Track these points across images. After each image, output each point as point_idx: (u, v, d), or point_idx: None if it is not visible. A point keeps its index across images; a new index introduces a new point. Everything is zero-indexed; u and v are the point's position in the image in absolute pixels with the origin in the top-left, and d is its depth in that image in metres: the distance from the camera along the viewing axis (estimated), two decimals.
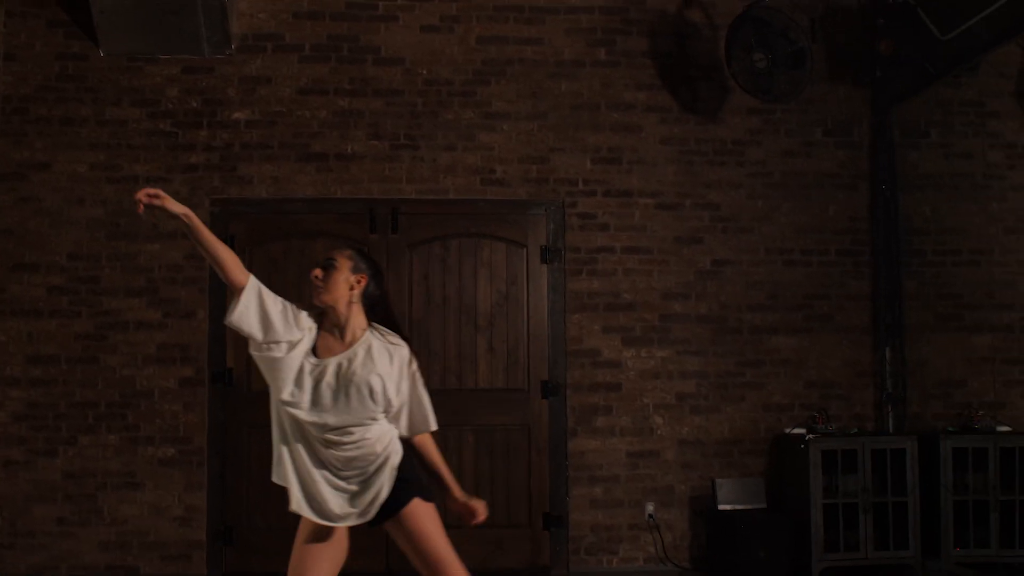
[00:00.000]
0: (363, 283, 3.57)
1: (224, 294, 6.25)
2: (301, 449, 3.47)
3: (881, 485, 6.08)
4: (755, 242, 6.59)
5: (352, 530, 3.53)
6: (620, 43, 6.65)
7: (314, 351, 3.48)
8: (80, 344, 6.26)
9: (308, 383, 3.42)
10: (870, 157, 6.72)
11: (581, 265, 6.47)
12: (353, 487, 3.45)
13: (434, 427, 3.66)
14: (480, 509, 3.70)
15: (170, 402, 6.24)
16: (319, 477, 3.45)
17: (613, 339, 6.44)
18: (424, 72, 6.55)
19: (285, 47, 6.52)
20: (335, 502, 3.45)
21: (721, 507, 6.16)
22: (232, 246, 6.21)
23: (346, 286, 3.53)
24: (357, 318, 3.55)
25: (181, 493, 6.19)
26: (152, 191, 3.36)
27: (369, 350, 3.48)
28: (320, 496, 3.45)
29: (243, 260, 6.12)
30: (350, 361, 3.45)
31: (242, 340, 6.22)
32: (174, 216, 3.41)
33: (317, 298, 3.54)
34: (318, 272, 3.54)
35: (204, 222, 6.06)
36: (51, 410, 6.21)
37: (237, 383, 6.29)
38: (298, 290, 6.30)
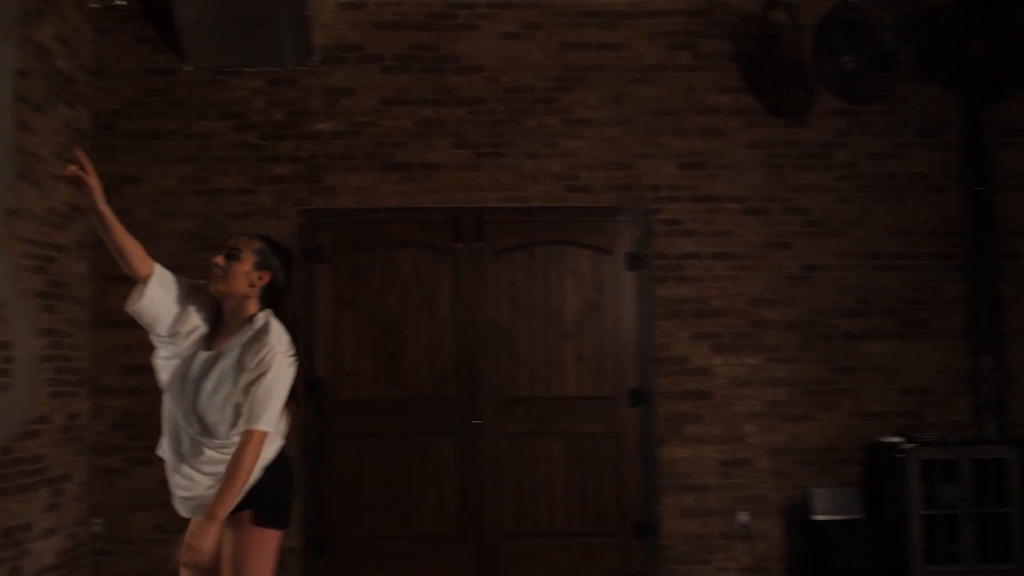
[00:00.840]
0: (264, 280, 3.45)
1: (313, 305, 6.40)
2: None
3: (981, 495, 6.02)
4: (845, 246, 6.58)
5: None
6: (703, 46, 6.68)
7: (208, 338, 3.43)
8: None
9: (176, 369, 3.40)
10: (962, 158, 6.67)
11: (668, 271, 6.50)
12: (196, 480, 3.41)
13: (259, 426, 3.28)
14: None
15: None
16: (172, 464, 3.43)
17: (702, 346, 6.46)
18: (505, 80, 6.64)
19: (367, 58, 6.65)
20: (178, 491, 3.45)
21: (816, 517, 6.14)
22: (319, 256, 6.41)
23: (245, 280, 3.42)
24: (247, 312, 3.44)
25: None
26: (87, 167, 3.25)
27: (241, 348, 3.34)
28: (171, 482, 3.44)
29: (330, 269, 6.41)
30: (218, 357, 3.36)
31: (332, 350, 6.39)
32: (92, 203, 3.31)
33: (213, 285, 3.44)
34: (219, 260, 3.43)
35: (292, 233, 6.36)
36: (146, 419, 6.37)
37: (328, 392, 6.42)
38: (384, 299, 6.46)
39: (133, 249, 3.41)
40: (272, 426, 3.31)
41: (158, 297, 3.43)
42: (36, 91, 5.76)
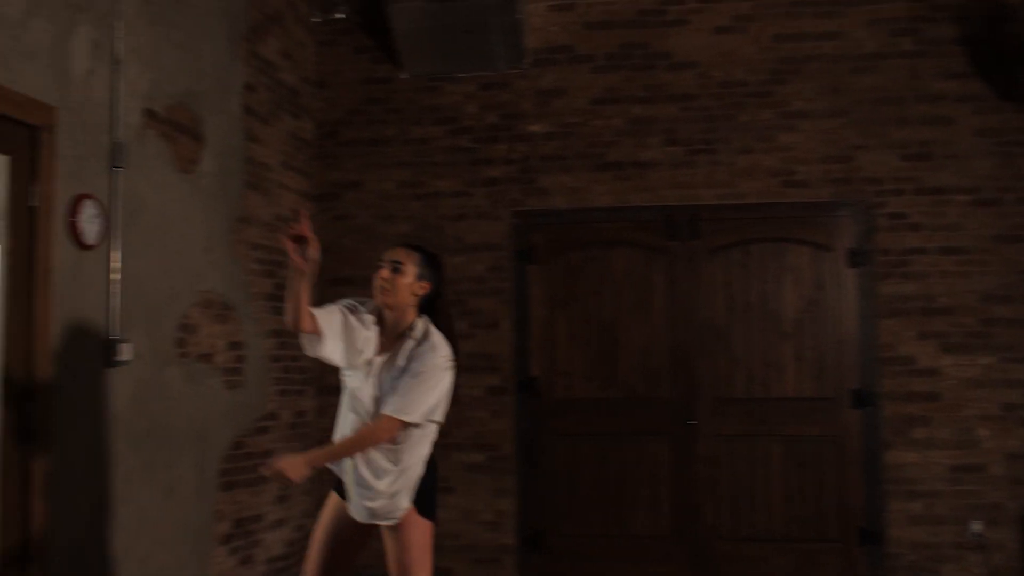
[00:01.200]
0: (425, 290, 3.71)
1: (527, 305, 6.51)
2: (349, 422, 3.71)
3: None
4: None
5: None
6: (926, 31, 6.42)
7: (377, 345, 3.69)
8: None
9: (361, 376, 3.65)
10: None
11: (892, 268, 6.28)
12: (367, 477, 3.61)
13: (391, 412, 3.53)
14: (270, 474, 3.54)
15: (478, 409, 6.55)
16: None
17: (929, 346, 6.21)
18: (718, 75, 6.56)
19: (578, 58, 6.71)
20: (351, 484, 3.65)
21: None
22: (532, 257, 6.52)
23: (408, 291, 3.68)
24: (408, 320, 3.70)
25: (490, 498, 6.48)
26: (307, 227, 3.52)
27: (407, 350, 3.62)
28: (347, 473, 3.66)
29: (543, 270, 6.51)
30: (389, 361, 3.63)
31: (546, 350, 6.49)
32: (307, 261, 3.57)
33: (380, 298, 3.68)
34: (385, 274, 3.66)
35: (505, 234, 6.48)
36: None
37: (542, 392, 6.52)
38: (597, 298, 6.51)
39: (307, 307, 3.62)
40: (408, 418, 3.53)
41: (330, 347, 3.68)
42: (262, 104, 6.10)
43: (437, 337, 3.66)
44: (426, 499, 3.70)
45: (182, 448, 5.06)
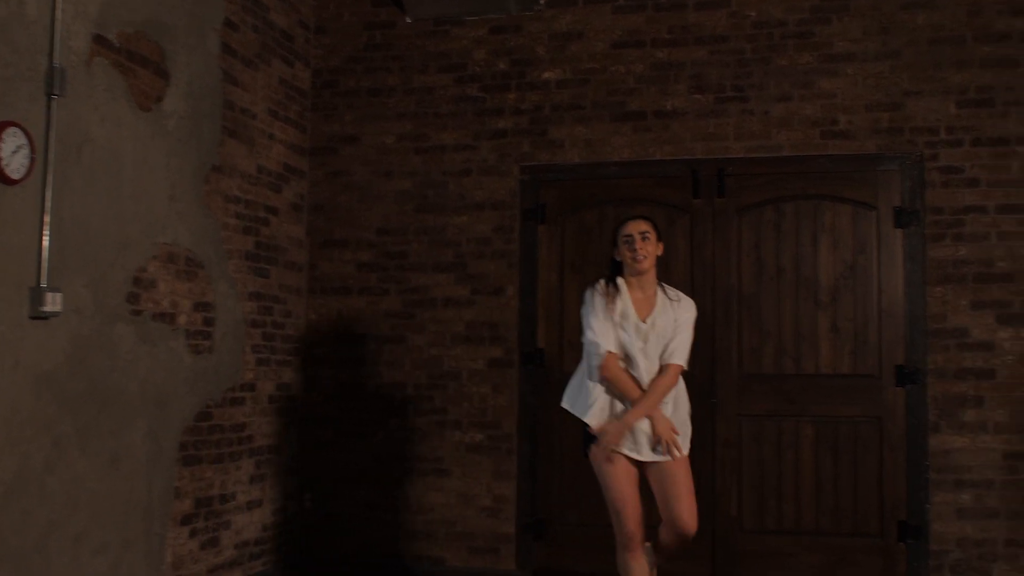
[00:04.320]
0: (660, 252, 4.66)
1: (535, 270, 6.23)
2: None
3: None
4: None
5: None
6: None
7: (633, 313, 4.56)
8: (388, 323, 6.45)
9: (634, 341, 4.49)
10: None
11: (944, 228, 5.87)
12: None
13: (679, 361, 4.52)
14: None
15: (478, 384, 6.29)
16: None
17: (985, 316, 5.79)
18: (753, 14, 6.21)
19: None
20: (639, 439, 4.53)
21: None
22: (543, 215, 6.25)
23: (655, 255, 4.60)
24: (653, 281, 4.64)
25: (489, 482, 6.22)
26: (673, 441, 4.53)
27: (665, 306, 4.58)
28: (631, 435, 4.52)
29: (554, 230, 6.27)
30: (656, 317, 4.53)
31: (554, 319, 6.22)
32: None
33: (639, 265, 4.53)
34: (640, 244, 4.52)
35: (513, 191, 6.24)
36: (360, 391, 6.43)
37: (549, 365, 6.23)
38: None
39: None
40: (686, 364, 4.55)
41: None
42: (247, 45, 5.89)
43: (674, 289, 4.71)
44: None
45: (131, 414, 4.86)
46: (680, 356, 4.49)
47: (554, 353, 6.25)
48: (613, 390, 4.51)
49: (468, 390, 6.30)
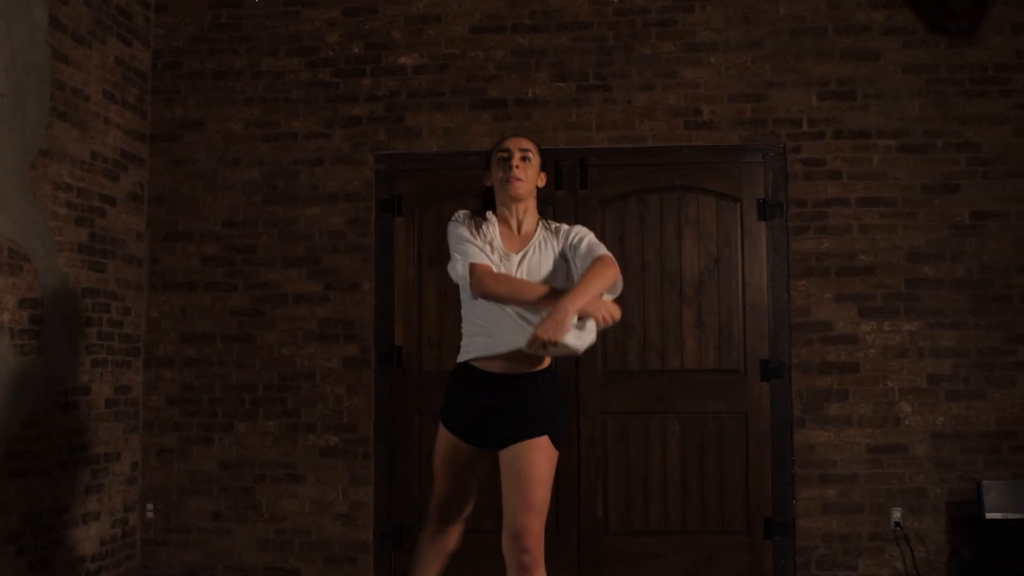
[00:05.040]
0: (543, 183, 3.96)
1: (392, 264, 6.01)
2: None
3: None
4: None
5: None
6: None
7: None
8: (236, 320, 6.13)
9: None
10: None
11: (807, 221, 5.87)
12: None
13: (604, 252, 3.78)
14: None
15: (332, 384, 6.03)
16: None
17: (848, 309, 5.82)
18: (615, 0, 6.08)
19: None
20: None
21: (989, 515, 5.43)
22: (399, 207, 6.02)
23: (535, 183, 3.90)
24: (534, 213, 3.92)
25: (345, 487, 5.97)
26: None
27: (543, 241, 3.82)
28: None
29: (411, 222, 6.02)
30: (530, 253, 3.78)
31: (412, 316, 5.99)
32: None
33: (512, 188, 3.81)
34: (518, 163, 3.81)
35: (367, 181, 5.99)
36: (206, 393, 6.11)
37: (407, 364, 6.01)
38: None
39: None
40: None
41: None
42: (78, 20, 5.50)
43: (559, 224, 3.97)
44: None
45: None
46: (601, 249, 3.76)
47: (412, 351, 6.03)
48: (498, 311, 3.70)
49: (322, 391, 6.03)
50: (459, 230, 3.83)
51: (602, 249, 3.77)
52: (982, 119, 5.88)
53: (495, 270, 3.70)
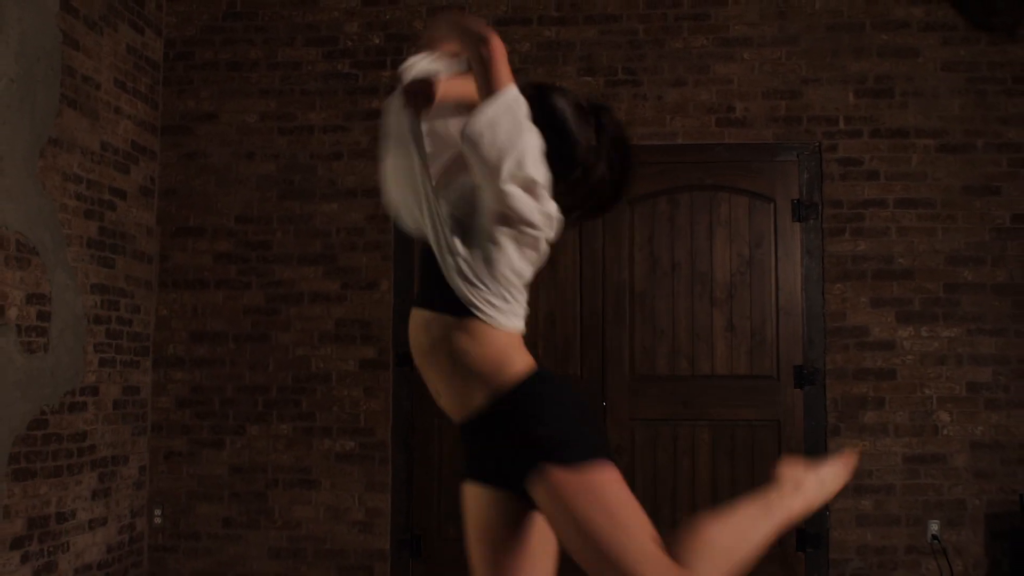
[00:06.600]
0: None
1: (411, 262, 5.90)
2: None
3: None
4: None
5: None
6: None
7: None
8: (249, 319, 6.00)
9: None
10: None
11: (843, 223, 5.76)
12: None
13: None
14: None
15: (349, 387, 5.91)
16: None
17: (885, 314, 5.70)
18: None
19: None
20: None
21: None
22: None
23: None
24: None
25: (361, 494, 5.84)
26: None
27: None
28: None
29: None
30: None
31: None
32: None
33: None
34: None
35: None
36: (217, 395, 5.98)
37: None
38: None
39: None
40: None
41: None
42: (90, 5, 5.38)
43: None
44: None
45: None
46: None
47: None
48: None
49: (338, 394, 5.91)
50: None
51: None
52: None
53: None
